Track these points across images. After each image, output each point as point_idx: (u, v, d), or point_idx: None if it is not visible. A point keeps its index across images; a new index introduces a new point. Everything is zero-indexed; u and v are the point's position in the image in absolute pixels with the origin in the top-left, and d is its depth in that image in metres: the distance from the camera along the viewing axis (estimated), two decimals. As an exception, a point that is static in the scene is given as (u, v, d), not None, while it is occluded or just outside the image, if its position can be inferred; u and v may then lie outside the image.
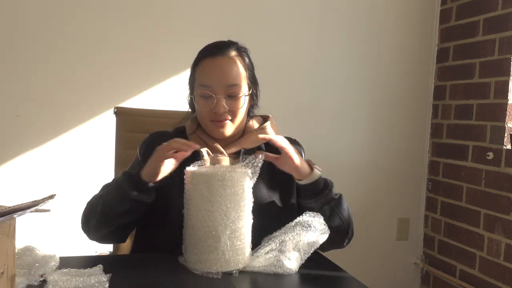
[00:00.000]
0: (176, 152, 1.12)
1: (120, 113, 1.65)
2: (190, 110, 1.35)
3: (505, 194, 2.27)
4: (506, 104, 2.31)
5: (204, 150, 1.24)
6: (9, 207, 0.79)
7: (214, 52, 1.25)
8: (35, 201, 0.84)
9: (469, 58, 2.54)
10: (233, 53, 1.26)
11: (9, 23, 2.17)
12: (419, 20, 2.77)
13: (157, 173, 1.14)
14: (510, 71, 2.30)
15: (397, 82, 2.76)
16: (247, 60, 1.29)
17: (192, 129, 1.31)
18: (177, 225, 1.12)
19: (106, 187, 1.24)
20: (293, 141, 1.36)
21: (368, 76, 2.71)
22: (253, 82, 1.31)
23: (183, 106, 1.38)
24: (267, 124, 1.35)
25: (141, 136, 1.41)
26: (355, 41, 2.67)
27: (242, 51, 1.29)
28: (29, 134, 2.21)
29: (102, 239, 1.26)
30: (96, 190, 1.26)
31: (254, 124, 1.35)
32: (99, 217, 1.19)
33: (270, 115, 1.40)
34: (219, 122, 1.24)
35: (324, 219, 1.13)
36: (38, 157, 2.22)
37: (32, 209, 0.83)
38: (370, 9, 2.68)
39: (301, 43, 2.58)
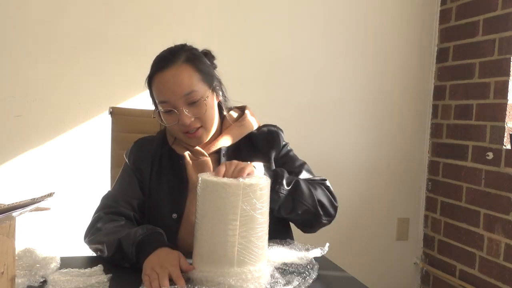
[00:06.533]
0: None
1: (116, 113, 1.65)
2: (161, 123, 1.31)
3: (505, 194, 2.27)
4: (506, 104, 2.31)
5: (186, 154, 1.29)
6: (8, 205, 0.79)
7: (162, 66, 1.23)
8: (34, 199, 0.84)
9: (469, 58, 2.54)
10: (180, 60, 1.22)
11: (9, 23, 2.17)
12: (419, 20, 2.77)
13: None
14: (510, 71, 2.30)
15: (397, 82, 2.76)
16: (196, 61, 1.25)
17: (172, 140, 1.33)
18: (169, 228, 1.18)
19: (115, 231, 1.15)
20: (272, 126, 1.38)
21: (368, 76, 2.70)
22: (210, 80, 1.27)
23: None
24: (245, 117, 1.35)
25: (137, 136, 1.41)
26: (355, 41, 2.66)
27: (189, 54, 1.25)
28: (29, 134, 2.21)
29: None
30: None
31: (231, 117, 1.35)
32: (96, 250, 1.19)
33: (247, 105, 1.40)
34: (191, 134, 1.25)
35: (289, 212, 1.20)
36: (38, 157, 2.22)
37: (33, 207, 0.83)
38: (370, 9, 2.68)
39: (300, 44, 2.58)
